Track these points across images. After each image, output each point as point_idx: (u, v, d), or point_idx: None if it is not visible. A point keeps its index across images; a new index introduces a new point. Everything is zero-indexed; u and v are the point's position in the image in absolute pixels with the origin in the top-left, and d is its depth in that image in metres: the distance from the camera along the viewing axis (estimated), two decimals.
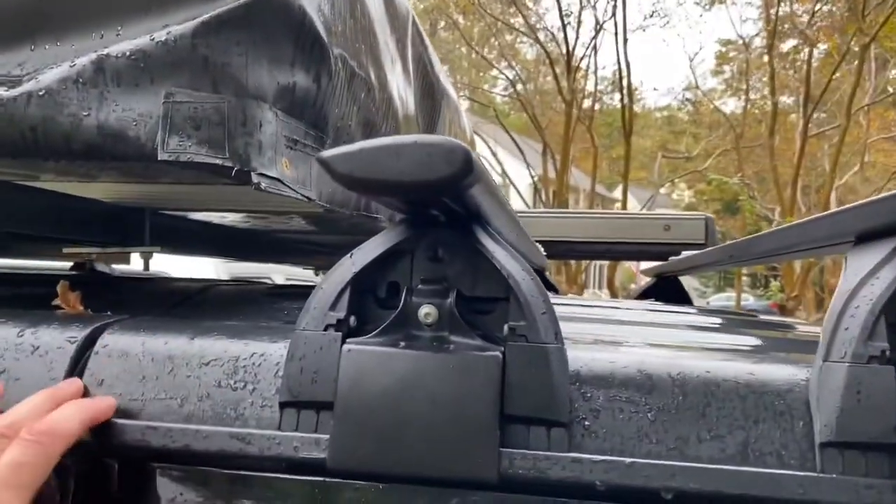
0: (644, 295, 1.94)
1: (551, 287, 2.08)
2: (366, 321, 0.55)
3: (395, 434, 0.49)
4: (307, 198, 0.77)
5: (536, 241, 1.79)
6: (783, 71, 16.24)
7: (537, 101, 16.37)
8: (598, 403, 0.51)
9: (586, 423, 0.51)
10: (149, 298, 0.88)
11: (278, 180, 0.71)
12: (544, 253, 1.79)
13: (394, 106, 0.99)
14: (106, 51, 0.67)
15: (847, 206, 0.59)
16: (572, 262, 12.61)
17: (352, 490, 0.50)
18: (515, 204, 12.65)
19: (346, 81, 0.82)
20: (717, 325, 0.85)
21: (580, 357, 0.54)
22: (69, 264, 1.31)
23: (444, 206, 0.53)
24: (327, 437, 0.50)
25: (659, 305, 1.16)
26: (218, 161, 0.66)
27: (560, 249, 2.10)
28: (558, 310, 0.53)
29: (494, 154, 15.45)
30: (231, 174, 0.66)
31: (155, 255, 1.16)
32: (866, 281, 0.50)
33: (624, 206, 14.18)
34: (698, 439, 0.49)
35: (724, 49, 20.15)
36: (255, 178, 0.67)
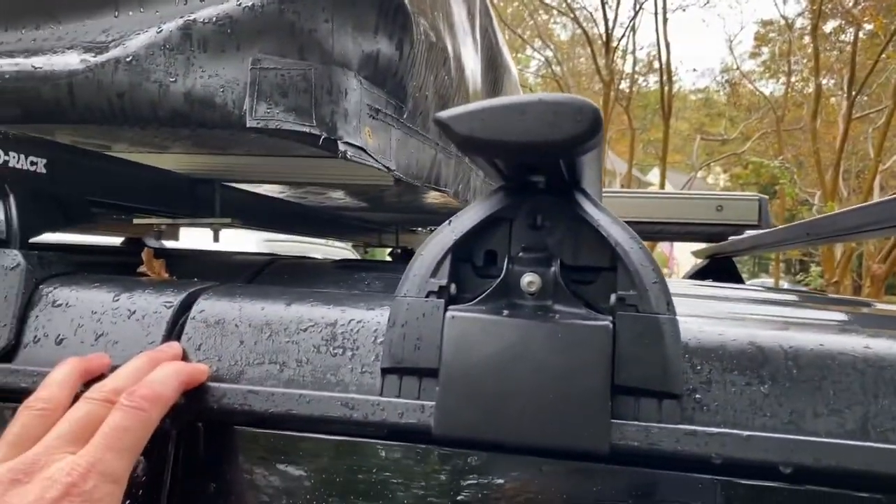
0: (698, 276, 1.91)
1: None
2: (463, 290, 0.55)
3: (503, 403, 0.48)
4: (387, 168, 0.76)
5: None
6: (825, 52, 15.85)
7: (573, 82, 16.19)
8: (710, 375, 0.50)
9: (697, 395, 0.49)
10: (225, 269, 0.88)
11: (362, 150, 0.70)
12: None
13: (465, 78, 0.98)
14: (192, 16, 0.67)
15: None
16: None
17: (456, 458, 0.50)
18: None
19: (426, 51, 0.80)
20: (804, 302, 0.83)
21: (688, 329, 0.52)
22: (119, 239, 1.33)
23: (550, 170, 0.51)
24: (432, 403, 0.49)
25: (729, 284, 1.14)
26: (306, 129, 0.66)
27: None
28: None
29: None
30: (319, 142, 0.65)
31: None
32: None
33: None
34: (814, 414, 0.48)
35: (763, 30, 19.71)
36: (341, 147, 0.67)
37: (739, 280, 1.88)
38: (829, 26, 15.78)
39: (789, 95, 17.26)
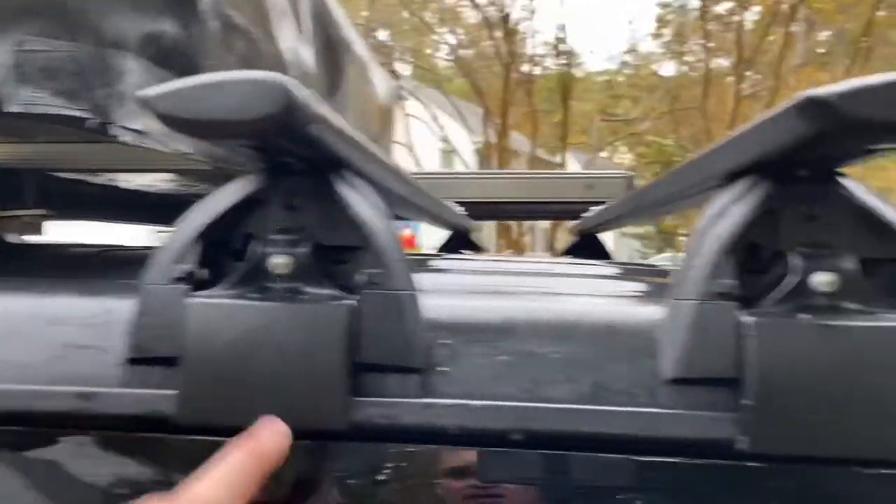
0: (568, 252, 1.96)
1: (474, 247, 2.08)
2: (221, 274, 0.53)
3: (244, 387, 0.48)
4: (181, 151, 0.74)
5: (458, 202, 1.78)
6: (720, 33, 16.49)
7: (482, 65, 16.30)
8: (455, 349, 0.50)
9: (442, 368, 0.50)
10: (28, 264, 0.84)
11: (142, 133, 0.68)
12: (465, 213, 1.78)
13: (283, 61, 0.96)
14: None
15: (716, 144, 0.59)
16: (513, 226, 12.70)
17: (198, 446, 0.49)
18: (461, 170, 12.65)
19: (222, 30, 0.78)
20: (604, 275, 0.85)
21: (442, 305, 0.53)
22: None
23: (296, 151, 0.51)
24: (174, 392, 0.48)
25: (565, 259, 1.17)
26: (74, 113, 0.63)
27: (484, 211, 2.09)
28: (454, 265, 0.52)
29: (435, 119, 15.46)
30: (85, 126, 0.63)
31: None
32: (716, 220, 0.50)
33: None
34: (552, 381, 0.49)
35: (662, 12, 20.30)
36: (113, 131, 0.64)
37: (605, 255, 1.94)
38: (721, 7, 16.42)
39: (686, 75, 17.89)
